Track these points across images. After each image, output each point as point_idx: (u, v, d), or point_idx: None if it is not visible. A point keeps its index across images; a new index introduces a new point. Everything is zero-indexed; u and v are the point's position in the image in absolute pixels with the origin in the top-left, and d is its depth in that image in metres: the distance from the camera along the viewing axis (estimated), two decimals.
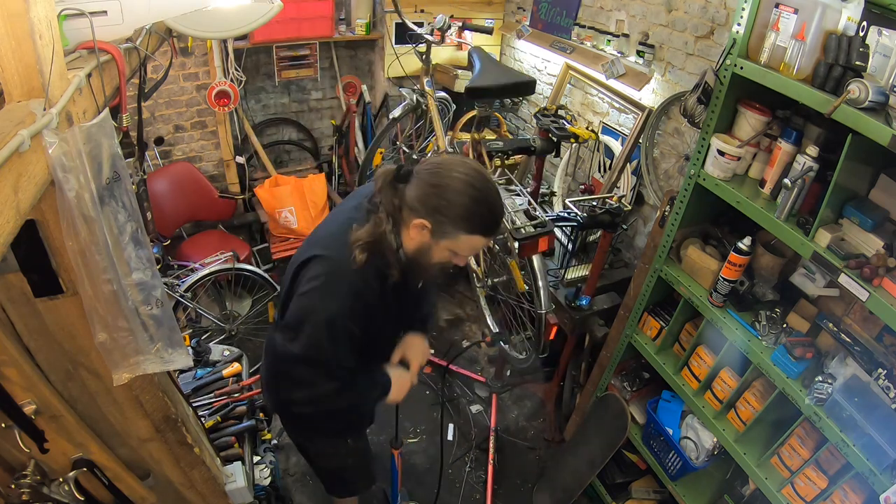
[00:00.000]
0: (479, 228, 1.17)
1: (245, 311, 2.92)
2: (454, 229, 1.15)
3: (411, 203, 1.15)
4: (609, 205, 2.09)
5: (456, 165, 1.15)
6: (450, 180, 1.13)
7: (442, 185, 1.13)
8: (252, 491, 1.66)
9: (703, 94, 1.59)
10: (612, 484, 2.31)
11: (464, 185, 1.12)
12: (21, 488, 0.98)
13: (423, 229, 1.16)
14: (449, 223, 1.14)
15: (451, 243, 1.18)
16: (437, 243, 1.19)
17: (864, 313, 1.47)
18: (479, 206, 1.14)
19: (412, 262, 1.23)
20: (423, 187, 1.14)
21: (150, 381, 1.08)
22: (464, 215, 1.14)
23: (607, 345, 2.29)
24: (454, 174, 1.13)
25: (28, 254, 0.78)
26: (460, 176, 1.13)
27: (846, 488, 1.41)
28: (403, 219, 1.18)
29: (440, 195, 1.13)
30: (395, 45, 3.16)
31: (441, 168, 1.15)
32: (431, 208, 1.14)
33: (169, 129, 3.30)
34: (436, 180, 1.13)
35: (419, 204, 1.14)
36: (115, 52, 0.91)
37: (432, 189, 1.13)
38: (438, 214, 1.14)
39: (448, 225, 1.15)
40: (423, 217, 1.14)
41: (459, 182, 1.12)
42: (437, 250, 1.20)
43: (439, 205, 1.13)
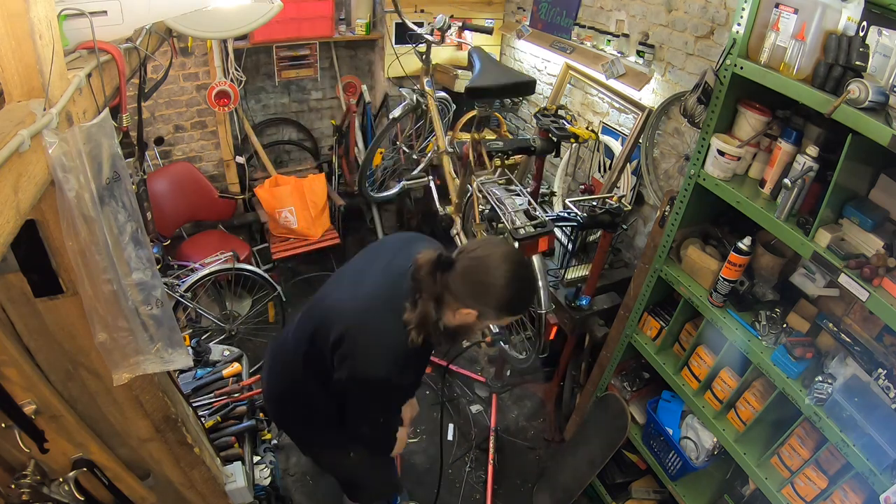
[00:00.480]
0: (519, 309, 1.32)
1: (245, 311, 2.92)
2: (499, 315, 1.27)
3: (457, 293, 1.22)
4: (609, 205, 2.09)
5: (497, 260, 1.21)
6: (495, 277, 1.20)
7: (487, 283, 1.20)
8: (252, 491, 1.66)
9: (703, 94, 1.59)
10: (612, 484, 2.31)
11: (507, 281, 1.20)
12: (21, 488, 0.98)
13: (469, 315, 1.24)
14: (494, 312, 1.25)
15: (493, 321, 1.32)
16: (482, 323, 1.29)
17: (864, 313, 1.47)
18: (521, 295, 1.25)
19: (450, 333, 1.32)
20: (468, 284, 1.21)
21: (150, 381, 1.08)
22: (508, 305, 1.24)
23: (607, 345, 2.29)
24: (498, 270, 1.20)
25: (28, 254, 0.78)
26: (504, 272, 1.20)
27: (846, 488, 1.41)
28: (446, 301, 1.25)
29: (487, 291, 1.21)
30: (395, 45, 3.16)
31: (484, 263, 1.21)
32: (478, 301, 1.22)
33: (169, 129, 3.30)
34: (482, 278, 1.20)
35: (466, 296, 1.22)
36: (115, 52, 0.91)
37: (479, 286, 1.21)
38: (485, 306, 1.23)
39: (493, 312, 1.25)
40: (470, 308, 1.23)
41: (503, 278, 1.20)
42: (479, 326, 1.33)
43: (486, 298, 1.21)
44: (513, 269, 1.21)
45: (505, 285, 1.20)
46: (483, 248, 1.24)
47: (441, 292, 1.23)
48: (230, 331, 2.81)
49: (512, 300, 1.23)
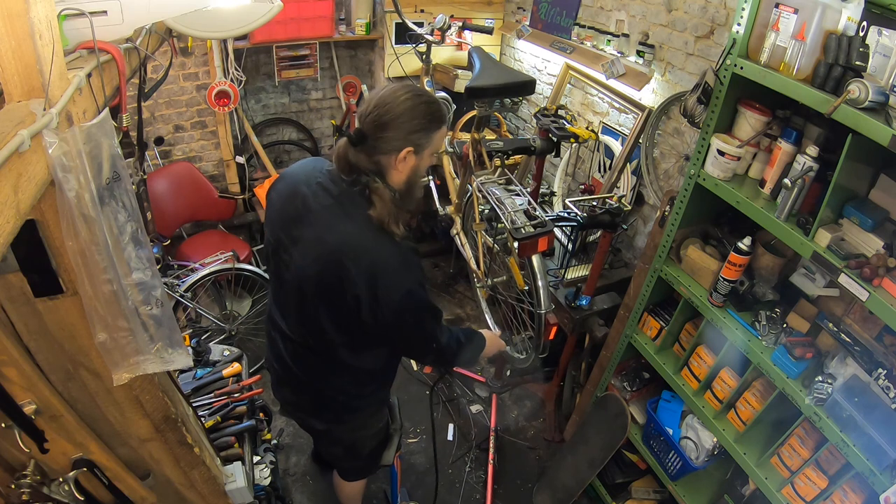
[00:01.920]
0: (440, 119, 1.29)
1: (245, 311, 2.92)
2: (427, 134, 1.27)
3: (384, 148, 1.24)
4: (609, 205, 2.09)
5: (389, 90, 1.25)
6: (399, 104, 1.22)
7: (396, 115, 1.22)
8: (252, 491, 1.66)
9: (703, 94, 1.59)
10: (612, 484, 2.31)
11: (406, 99, 1.23)
12: (21, 488, 0.98)
13: (409, 155, 1.26)
14: (422, 132, 1.26)
15: (430, 148, 1.31)
16: (422, 156, 1.30)
17: (864, 313, 1.47)
18: (428, 105, 1.26)
19: (406, 194, 1.33)
20: (383, 129, 1.22)
21: (150, 381, 1.08)
22: (425, 120, 1.25)
23: (607, 345, 2.29)
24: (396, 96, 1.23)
25: (28, 254, 0.78)
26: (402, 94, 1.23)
27: (846, 488, 1.41)
28: (384, 165, 1.27)
29: (401, 119, 1.22)
30: (395, 45, 3.16)
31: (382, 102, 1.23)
32: (404, 137, 1.23)
33: (169, 129, 3.30)
34: (387, 112, 1.22)
35: (392, 142, 1.23)
36: (115, 52, 0.91)
37: (392, 120, 1.22)
38: (411, 134, 1.24)
39: (421, 134, 1.26)
40: (404, 146, 1.24)
41: (406, 98, 1.23)
42: (423, 162, 1.32)
43: (407, 126, 1.23)
44: (406, 86, 1.25)
45: (410, 105, 1.22)
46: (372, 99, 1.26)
47: (375, 159, 1.25)
48: (230, 331, 2.81)
49: (425, 113, 1.24)
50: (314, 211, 1.30)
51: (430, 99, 1.28)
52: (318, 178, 1.32)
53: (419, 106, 1.24)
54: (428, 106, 1.26)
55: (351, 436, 1.74)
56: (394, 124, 1.22)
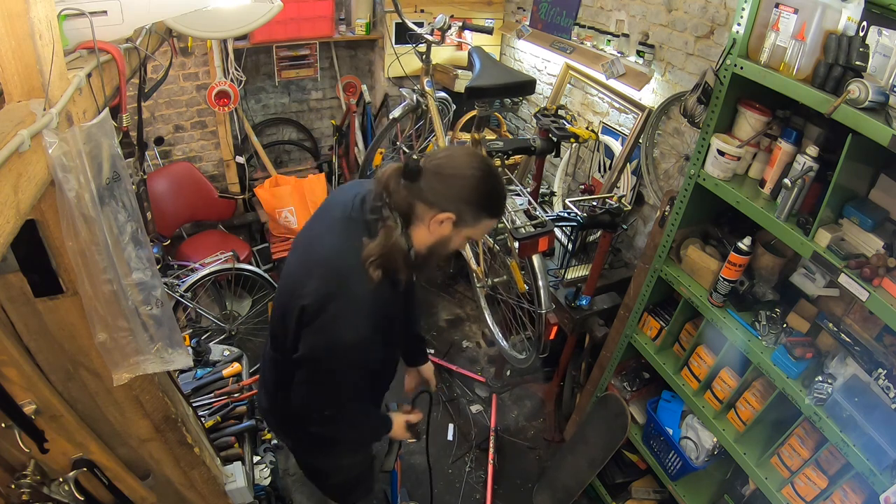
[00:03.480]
0: (497, 209, 1.21)
1: (245, 311, 2.92)
2: (476, 215, 1.17)
3: (430, 198, 1.13)
4: (609, 205, 2.09)
5: (464, 154, 1.17)
6: (467, 169, 1.13)
7: (462, 175, 1.13)
8: (252, 491, 1.66)
9: (703, 94, 1.59)
10: (612, 484, 2.31)
11: (480, 172, 1.14)
12: (21, 488, 0.98)
13: (447, 221, 1.15)
14: (473, 210, 1.16)
15: (471, 230, 1.20)
16: (459, 232, 1.19)
17: (864, 313, 1.47)
18: (496, 189, 1.18)
19: (423, 259, 1.22)
20: (441, 181, 1.13)
21: (150, 381, 1.08)
22: (486, 200, 1.16)
23: (607, 345, 2.29)
24: (467, 162, 1.15)
25: (28, 254, 0.78)
26: (474, 163, 1.15)
27: (846, 488, 1.41)
28: (418, 215, 1.16)
29: (463, 184, 1.13)
30: (395, 45, 3.16)
31: (452, 159, 1.15)
32: (455, 199, 1.13)
33: (169, 129, 3.30)
34: (455, 172, 1.13)
35: (441, 198, 1.13)
36: (115, 52, 0.91)
37: (453, 180, 1.13)
38: (462, 204, 1.14)
39: (471, 212, 1.16)
40: (446, 209, 1.13)
41: (476, 169, 1.14)
42: (456, 239, 1.21)
43: (463, 194, 1.13)
44: (481, 160, 1.17)
45: (479, 177, 1.13)
46: (447, 150, 1.20)
47: (412, 202, 1.13)
48: (230, 331, 2.81)
49: (489, 194, 1.16)
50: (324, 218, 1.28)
51: (500, 185, 1.19)
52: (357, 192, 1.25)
53: (488, 184, 1.15)
54: (495, 190, 1.17)
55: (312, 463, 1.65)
56: (452, 181, 1.12)
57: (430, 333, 3.26)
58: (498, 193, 1.19)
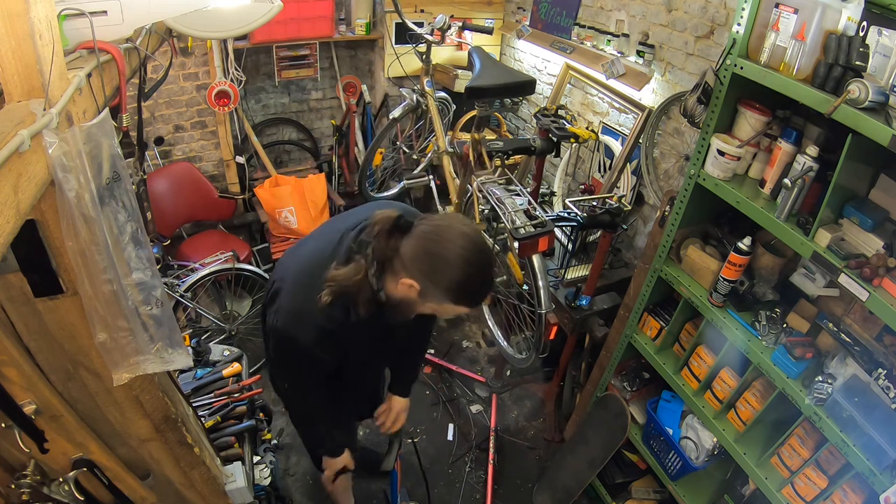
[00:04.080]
0: (465, 301, 1.18)
1: (245, 311, 2.92)
2: (442, 297, 1.15)
3: (405, 260, 1.14)
4: (609, 205, 2.09)
5: (455, 234, 1.13)
6: (447, 250, 1.11)
7: (438, 254, 1.11)
8: (252, 491, 1.66)
9: (703, 94, 1.59)
10: (612, 484, 2.31)
11: (460, 260, 1.10)
12: (21, 488, 0.98)
13: (411, 288, 1.15)
14: (438, 291, 1.14)
15: (435, 307, 1.20)
16: (423, 303, 1.19)
17: (864, 313, 1.47)
18: (470, 281, 1.14)
19: (392, 305, 1.23)
20: (419, 250, 1.12)
21: (150, 381, 1.08)
22: (454, 289, 1.13)
23: (607, 345, 2.29)
24: (453, 244, 1.11)
25: (28, 254, 0.78)
26: (458, 248, 1.11)
27: (846, 488, 1.41)
28: (394, 269, 1.17)
29: (434, 264, 1.11)
30: (395, 45, 3.16)
31: (440, 233, 1.13)
32: (423, 273, 1.13)
33: (169, 129, 3.30)
34: (433, 247, 1.12)
35: (412, 264, 1.13)
36: (115, 52, 0.91)
37: (428, 255, 1.12)
38: (428, 281, 1.13)
39: (436, 292, 1.14)
40: (414, 278, 1.13)
41: (456, 255, 1.10)
42: (421, 307, 1.21)
43: (432, 273, 1.12)
44: (469, 248, 1.11)
45: (456, 264, 1.10)
46: (445, 219, 1.17)
47: (390, 256, 1.15)
48: (230, 331, 2.81)
49: (460, 285, 1.12)
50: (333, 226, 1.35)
51: (478, 280, 1.15)
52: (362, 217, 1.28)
53: (463, 275, 1.11)
54: (469, 283, 1.13)
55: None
56: (428, 255, 1.12)
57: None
58: (473, 288, 1.16)
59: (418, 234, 1.14)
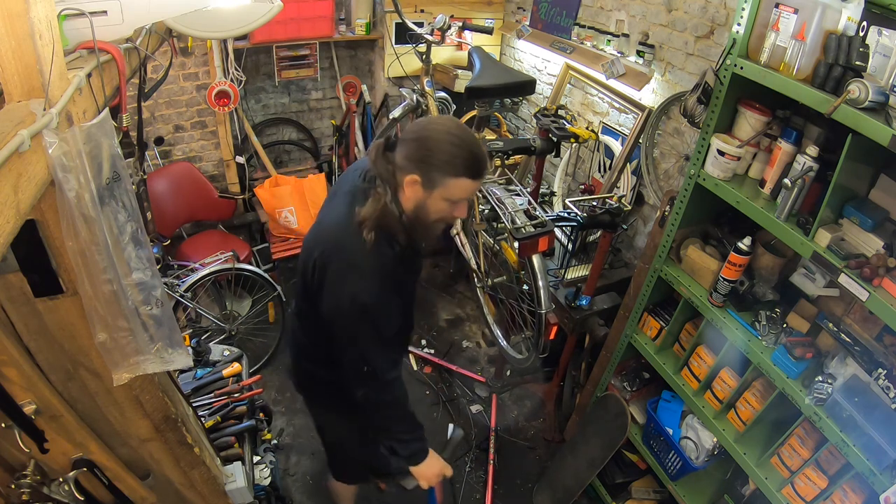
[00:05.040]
0: (463, 170, 1.20)
1: (245, 311, 2.92)
2: (441, 175, 1.20)
3: (400, 163, 1.21)
4: (609, 205, 2.09)
5: (435, 120, 1.26)
6: (430, 132, 1.20)
7: (424, 138, 1.20)
8: (252, 491, 1.66)
9: (703, 94, 1.59)
10: (612, 484, 2.31)
11: (443, 134, 1.19)
12: (21, 488, 0.98)
13: (415, 184, 1.21)
14: (435, 170, 1.19)
15: (442, 191, 1.22)
16: (430, 194, 1.23)
17: (864, 313, 1.47)
18: (461, 150, 1.19)
19: (415, 223, 1.28)
20: (408, 145, 1.21)
21: (150, 381, 1.08)
22: (447, 160, 1.18)
23: (607, 345, 2.29)
24: (434, 127, 1.22)
25: (28, 254, 0.78)
26: (439, 127, 1.22)
27: (846, 488, 1.41)
28: (398, 182, 1.23)
29: (423, 146, 1.19)
30: (395, 45, 3.16)
31: (422, 125, 1.24)
32: (417, 161, 1.19)
33: (169, 129, 3.30)
34: (418, 135, 1.21)
35: (406, 161, 1.20)
36: (115, 52, 0.91)
37: (416, 143, 1.20)
38: (424, 164, 1.19)
39: (435, 172, 1.19)
40: (412, 172, 1.20)
41: (439, 132, 1.19)
42: (433, 202, 1.25)
43: (423, 155, 1.19)
44: (446, 123, 1.22)
45: (440, 139, 1.18)
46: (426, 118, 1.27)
47: (392, 171, 1.22)
48: (230, 331, 2.81)
49: (451, 153, 1.18)
50: (335, 193, 1.39)
51: (468, 144, 1.20)
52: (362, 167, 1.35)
53: (454, 144, 1.18)
54: (461, 149, 1.18)
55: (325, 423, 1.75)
56: (416, 144, 1.20)
57: (430, 333, 3.26)
58: (463, 155, 1.20)
59: (403, 138, 1.22)
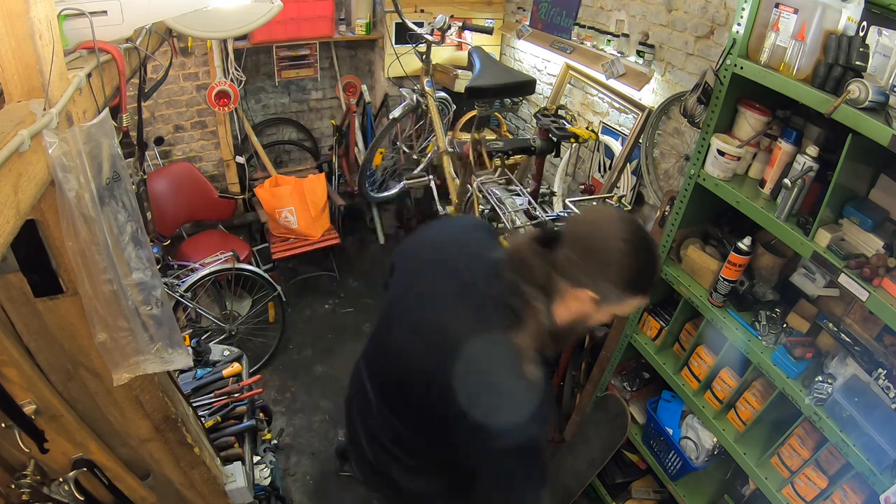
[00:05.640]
0: (644, 288, 1.05)
1: (245, 311, 2.92)
2: (621, 294, 1.02)
3: (569, 273, 1.01)
4: (609, 205, 2.09)
5: (610, 223, 1.02)
6: (613, 240, 0.99)
7: (604, 250, 0.99)
8: (252, 491, 1.66)
9: (703, 94, 1.59)
10: (612, 484, 2.31)
11: (631, 249, 0.99)
12: (21, 488, 0.98)
13: (587, 299, 1.02)
14: (616, 289, 1.01)
15: (616, 307, 1.07)
16: (601, 310, 1.06)
17: (864, 313, 1.47)
18: (648, 265, 1.03)
19: (560, 335, 1.09)
20: (582, 252, 1.00)
21: (150, 381, 1.08)
22: (633, 279, 1.01)
23: (607, 345, 2.29)
24: (611, 232, 1.00)
25: (28, 254, 0.78)
26: (619, 234, 1.00)
27: (846, 488, 1.41)
28: (557, 290, 1.04)
29: (606, 260, 0.99)
30: (395, 45, 3.16)
31: (598, 225, 1.03)
32: (598, 275, 1.00)
33: (169, 129, 3.30)
34: (597, 244, 1.00)
35: (581, 272, 1.00)
36: (115, 52, 0.91)
37: (596, 254, 1.00)
38: (606, 282, 1.00)
39: (615, 290, 1.01)
40: (588, 287, 1.01)
41: (625, 241, 0.99)
42: (599, 315, 1.09)
43: (607, 271, 0.99)
44: (632, 230, 1.00)
45: (626, 251, 0.97)
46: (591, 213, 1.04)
47: (550, 276, 1.01)
48: (230, 331, 2.81)
49: (638, 271, 1.00)
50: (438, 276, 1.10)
51: (651, 260, 1.03)
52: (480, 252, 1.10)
53: (638, 260, 0.99)
54: (646, 266, 1.01)
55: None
56: (596, 258, 0.99)
57: None
58: (649, 270, 1.03)
59: (574, 239, 1.02)
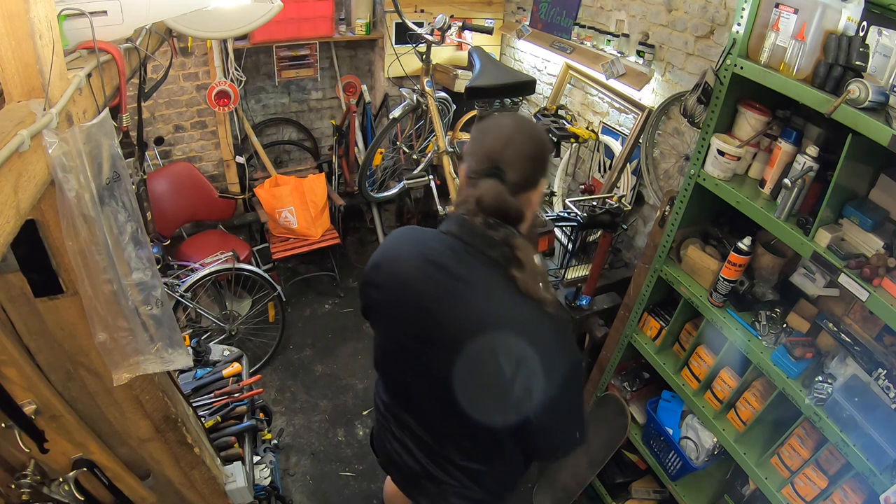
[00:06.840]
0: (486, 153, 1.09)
1: (245, 311, 2.92)
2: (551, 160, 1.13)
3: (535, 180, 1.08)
4: (609, 205, 2.09)
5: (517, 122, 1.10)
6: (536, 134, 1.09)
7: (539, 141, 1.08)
8: (252, 491, 1.66)
9: (703, 94, 1.59)
10: (612, 484, 2.31)
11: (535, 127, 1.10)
12: (21, 488, 0.98)
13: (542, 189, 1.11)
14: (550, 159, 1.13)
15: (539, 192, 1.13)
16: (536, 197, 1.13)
17: (864, 313, 1.47)
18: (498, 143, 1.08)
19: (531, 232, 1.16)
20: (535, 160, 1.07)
21: (150, 381, 1.08)
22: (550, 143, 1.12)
23: (607, 345, 2.29)
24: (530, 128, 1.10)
25: (28, 254, 0.78)
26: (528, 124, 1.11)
27: (846, 488, 1.41)
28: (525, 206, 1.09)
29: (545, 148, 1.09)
30: (395, 45, 3.16)
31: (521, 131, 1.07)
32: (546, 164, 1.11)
33: (169, 129, 3.30)
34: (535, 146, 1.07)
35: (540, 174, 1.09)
36: (115, 52, 0.91)
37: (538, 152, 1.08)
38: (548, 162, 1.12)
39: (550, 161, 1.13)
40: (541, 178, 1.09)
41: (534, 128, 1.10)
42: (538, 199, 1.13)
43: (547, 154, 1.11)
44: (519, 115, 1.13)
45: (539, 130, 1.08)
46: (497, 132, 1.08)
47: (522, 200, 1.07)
48: (230, 331, 2.81)
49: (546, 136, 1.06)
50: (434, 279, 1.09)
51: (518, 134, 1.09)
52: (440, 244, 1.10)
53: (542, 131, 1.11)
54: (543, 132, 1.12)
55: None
56: (540, 154, 1.08)
57: None
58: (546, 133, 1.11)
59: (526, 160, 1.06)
